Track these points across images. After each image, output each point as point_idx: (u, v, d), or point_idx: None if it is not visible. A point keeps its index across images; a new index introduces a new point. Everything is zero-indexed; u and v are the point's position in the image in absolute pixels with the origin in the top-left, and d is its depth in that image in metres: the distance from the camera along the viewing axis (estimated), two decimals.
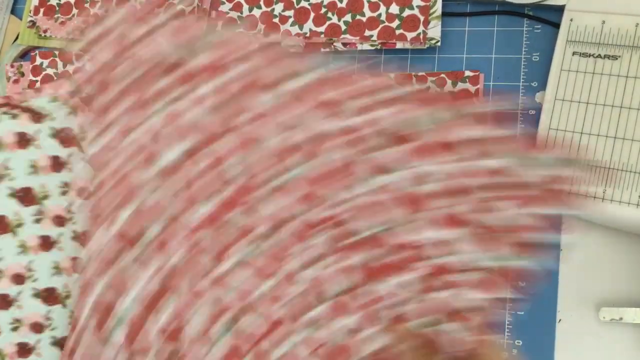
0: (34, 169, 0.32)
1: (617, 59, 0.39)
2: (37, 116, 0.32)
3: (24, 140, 0.32)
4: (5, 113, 0.32)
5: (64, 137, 0.32)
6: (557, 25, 0.43)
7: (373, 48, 0.46)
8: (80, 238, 0.33)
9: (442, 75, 0.45)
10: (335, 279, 0.33)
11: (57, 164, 0.32)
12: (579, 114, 0.40)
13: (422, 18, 0.45)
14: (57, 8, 0.54)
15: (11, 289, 0.32)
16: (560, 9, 0.42)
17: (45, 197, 0.32)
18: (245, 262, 0.32)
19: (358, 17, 0.46)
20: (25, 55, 0.58)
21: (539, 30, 0.44)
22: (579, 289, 0.42)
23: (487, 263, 0.33)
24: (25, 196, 0.31)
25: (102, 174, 0.31)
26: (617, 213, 0.39)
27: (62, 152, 0.32)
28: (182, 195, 0.31)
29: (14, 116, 0.32)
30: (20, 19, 0.58)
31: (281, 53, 0.33)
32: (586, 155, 0.32)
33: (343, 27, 0.47)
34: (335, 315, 0.33)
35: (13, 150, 0.32)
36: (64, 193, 0.32)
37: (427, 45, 0.45)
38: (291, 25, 0.48)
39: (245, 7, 0.49)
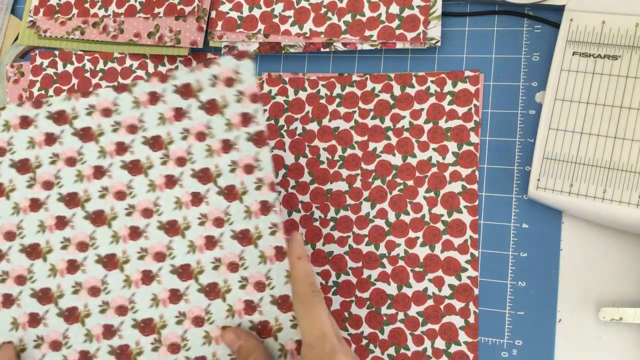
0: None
1: (617, 59, 0.39)
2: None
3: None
4: None
5: None
6: (557, 25, 0.43)
7: (373, 48, 0.46)
8: None
9: (442, 75, 0.45)
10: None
11: None
12: (579, 114, 0.40)
13: (422, 18, 0.45)
14: (57, 8, 0.54)
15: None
16: (560, 9, 0.42)
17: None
18: None
19: (358, 17, 0.46)
20: (25, 55, 0.58)
21: (539, 30, 0.44)
22: (579, 289, 0.42)
23: None
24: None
25: None
26: (617, 213, 0.39)
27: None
28: None
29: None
30: (20, 19, 0.58)
31: None
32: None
33: (343, 27, 0.47)
34: None
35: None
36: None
37: (427, 45, 0.45)
38: (291, 25, 0.48)
39: (245, 7, 0.49)
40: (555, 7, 0.42)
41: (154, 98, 0.37)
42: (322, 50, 0.47)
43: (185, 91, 0.37)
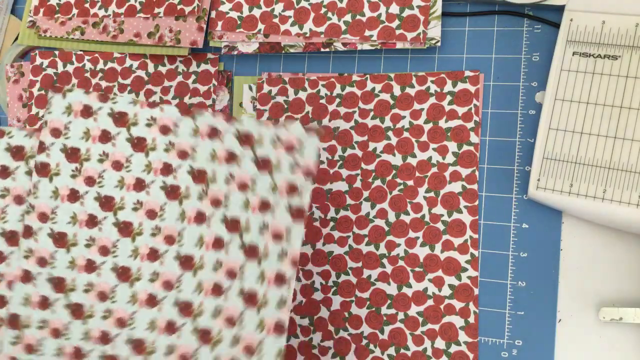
0: None
1: (617, 59, 0.39)
2: None
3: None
4: None
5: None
6: (557, 25, 0.43)
7: (373, 48, 0.46)
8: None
9: (442, 75, 0.45)
10: None
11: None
12: (579, 114, 0.40)
13: (422, 18, 0.45)
14: (57, 8, 0.54)
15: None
16: (560, 9, 0.42)
17: None
18: None
19: (358, 17, 0.46)
20: (25, 55, 0.58)
21: (539, 30, 0.44)
22: (579, 289, 0.42)
23: None
24: None
25: None
26: (617, 213, 0.39)
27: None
28: None
29: None
30: (20, 19, 0.58)
31: None
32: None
33: (343, 27, 0.47)
34: None
35: None
36: None
37: (427, 45, 0.45)
38: (291, 25, 0.48)
39: (245, 7, 0.49)
40: (555, 7, 0.42)
41: (214, 133, 0.38)
42: (322, 50, 0.47)
43: (245, 140, 0.38)
